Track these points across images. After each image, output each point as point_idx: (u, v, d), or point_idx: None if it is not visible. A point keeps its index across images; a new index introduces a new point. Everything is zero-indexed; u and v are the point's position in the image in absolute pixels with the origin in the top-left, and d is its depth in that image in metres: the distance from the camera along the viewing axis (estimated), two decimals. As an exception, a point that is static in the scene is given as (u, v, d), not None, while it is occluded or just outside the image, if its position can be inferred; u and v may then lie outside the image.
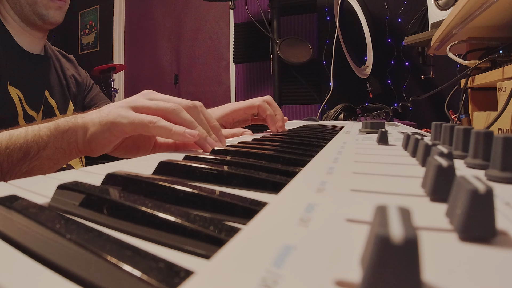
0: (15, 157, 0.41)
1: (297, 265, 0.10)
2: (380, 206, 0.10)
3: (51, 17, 0.71)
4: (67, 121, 0.44)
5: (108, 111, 0.42)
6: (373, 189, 0.19)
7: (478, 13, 0.73)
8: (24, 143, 0.41)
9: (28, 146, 0.41)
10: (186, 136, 0.39)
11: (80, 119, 0.44)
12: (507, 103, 0.63)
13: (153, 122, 0.40)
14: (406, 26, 1.80)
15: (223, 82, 2.96)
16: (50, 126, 0.43)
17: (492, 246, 0.11)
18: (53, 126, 0.43)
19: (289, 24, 2.33)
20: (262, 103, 0.68)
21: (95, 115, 0.43)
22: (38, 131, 0.43)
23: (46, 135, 0.42)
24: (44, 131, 0.43)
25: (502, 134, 0.20)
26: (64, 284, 0.11)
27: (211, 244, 0.14)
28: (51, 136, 0.43)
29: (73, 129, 0.43)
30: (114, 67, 2.91)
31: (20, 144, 0.41)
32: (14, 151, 0.41)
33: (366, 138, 0.47)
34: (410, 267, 0.08)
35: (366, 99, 1.96)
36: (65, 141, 0.43)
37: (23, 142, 0.41)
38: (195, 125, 0.42)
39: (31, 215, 0.15)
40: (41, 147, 0.42)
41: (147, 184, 0.22)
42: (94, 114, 0.44)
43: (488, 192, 0.12)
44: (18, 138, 0.42)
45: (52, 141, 0.43)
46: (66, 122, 0.43)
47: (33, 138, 0.42)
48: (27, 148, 0.41)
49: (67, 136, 0.43)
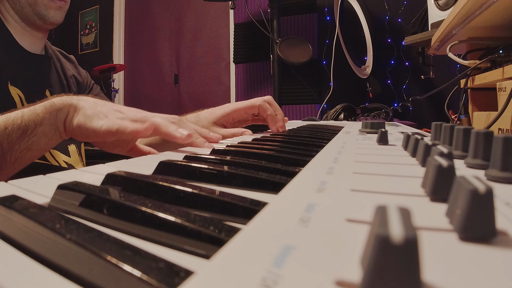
0: (15, 136, 0.44)
1: (297, 265, 0.10)
2: (380, 206, 0.10)
3: (51, 17, 0.71)
4: (62, 100, 0.46)
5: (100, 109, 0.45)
6: (373, 189, 0.19)
7: (478, 13, 0.73)
8: (22, 122, 0.44)
9: (25, 124, 0.44)
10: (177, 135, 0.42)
11: (75, 100, 0.46)
12: (507, 103, 0.63)
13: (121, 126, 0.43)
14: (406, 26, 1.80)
15: (223, 82, 2.96)
16: (46, 104, 0.46)
17: (492, 246, 0.11)
18: (48, 104, 0.45)
19: (289, 24, 2.33)
20: (262, 103, 0.68)
21: (90, 104, 0.46)
22: (34, 109, 0.45)
23: (42, 112, 0.45)
24: (40, 109, 0.45)
25: (502, 134, 0.20)
26: (64, 284, 0.11)
27: (211, 244, 0.14)
28: (46, 112, 0.45)
29: (67, 108, 0.46)
30: (114, 67, 2.91)
31: (18, 124, 0.44)
32: (13, 131, 0.43)
33: (366, 138, 0.47)
34: (410, 267, 0.08)
35: (366, 99, 1.96)
36: (58, 118, 0.46)
37: (21, 122, 0.44)
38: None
39: (31, 215, 0.15)
40: (37, 124, 0.44)
41: (147, 184, 0.22)
42: (89, 103, 0.46)
43: (488, 192, 0.12)
44: (15, 118, 0.44)
45: (47, 117, 0.45)
46: (61, 101, 0.46)
47: (29, 116, 0.44)
48: (25, 127, 0.44)
49: (60, 114, 0.45)
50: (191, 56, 3.15)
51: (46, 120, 0.45)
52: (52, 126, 0.45)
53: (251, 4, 2.36)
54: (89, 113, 0.44)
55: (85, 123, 0.44)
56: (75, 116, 0.45)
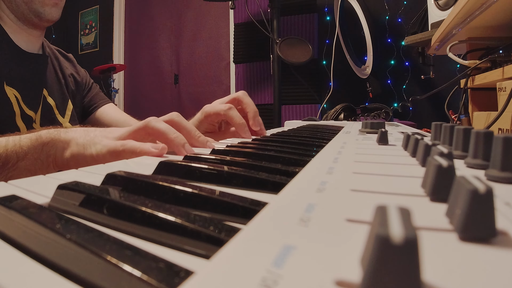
0: None
1: (297, 265, 0.10)
2: (380, 206, 0.10)
3: (47, 14, 0.70)
4: (50, 133, 0.44)
5: (93, 136, 0.43)
6: (373, 189, 0.19)
7: (478, 13, 0.73)
8: (4, 153, 0.41)
9: (7, 155, 0.41)
10: (152, 151, 0.38)
11: (64, 133, 0.44)
12: (507, 103, 0.63)
13: (124, 145, 0.40)
14: (406, 26, 1.80)
15: (223, 82, 2.96)
16: (32, 136, 0.43)
17: (492, 246, 0.11)
18: (34, 137, 0.43)
19: (289, 24, 2.33)
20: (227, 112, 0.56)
21: (80, 134, 0.44)
22: (19, 141, 0.43)
23: (27, 145, 0.42)
24: (25, 141, 0.43)
25: (502, 134, 0.20)
26: (64, 284, 0.11)
27: (211, 244, 0.14)
28: (31, 146, 0.43)
29: (54, 142, 0.43)
30: (114, 67, 2.91)
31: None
32: None
33: (366, 138, 0.47)
34: (410, 267, 0.08)
35: (366, 99, 1.96)
36: (44, 153, 0.43)
37: (2, 152, 0.41)
38: (172, 131, 0.41)
39: (31, 215, 0.15)
40: (20, 157, 0.42)
41: (147, 184, 0.22)
42: (79, 133, 0.44)
43: (488, 192, 0.12)
44: None
45: (32, 151, 0.42)
46: (48, 134, 0.44)
47: (13, 148, 0.42)
48: (6, 158, 0.41)
49: (47, 148, 0.43)
50: (191, 56, 3.15)
51: (29, 155, 0.42)
52: (37, 161, 0.43)
53: (251, 4, 2.36)
54: (81, 141, 0.42)
55: (79, 152, 0.42)
56: (66, 149, 0.43)
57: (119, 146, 0.40)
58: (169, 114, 0.46)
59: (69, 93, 0.82)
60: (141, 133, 0.42)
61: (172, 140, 0.40)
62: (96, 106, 0.88)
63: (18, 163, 0.42)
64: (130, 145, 0.40)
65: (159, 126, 0.41)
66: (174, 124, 0.44)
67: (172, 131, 0.41)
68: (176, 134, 0.41)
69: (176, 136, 0.40)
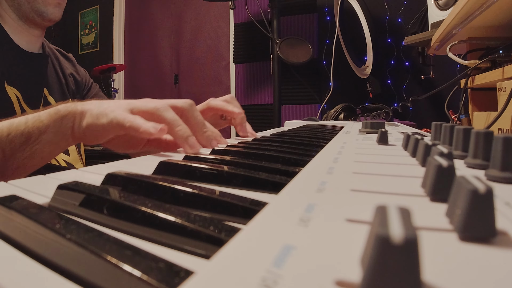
0: (17, 142, 0.42)
1: (297, 265, 0.10)
2: (380, 206, 0.10)
3: (50, 14, 0.71)
4: (67, 106, 0.45)
5: (106, 106, 0.43)
6: (373, 189, 0.19)
7: (478, 13, 0.73)
8: (26, 128, 0.43)
9: (29, 131, 0.43)
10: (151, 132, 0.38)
11: (80, 106, 0.45)
12: (507, 103, 0.63)
13: (130, 121, 0.40)
14: (406, 26, 1.80)
15: (223, 82, 2.96)
16: (50, 111, 0.45)
17: (492, 246, 0.11)
18: (53, 111, 0.44)
19: (289, 24, 2.33)
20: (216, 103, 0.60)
21: (95, 105, 0.45)
22: (39, 116, 0.44)
23: (47, 119, 0.44)
24: (45, 116, 0.44)
25: (502, 134, 0.20)
26: (64, 284, 0.11)
27: (211, 244, 0.14)
28: (51, 119, 0.44)
29: (72, 114, 0.44)
30: (114, 67, 2.90)
31: (21, 130, 0.43)
32: (16, 137, 0.42)
33: (366, 138, 0.47)
34: (410, 267, 0.08)
35: (366, 99, 1.96)
36: (64, 125, 0.44)
37: (24, 128, 0.43)
38: (178, 124, 0.41)
39: (31, 215, 0.15)
40: (41, 131, 0.43)
41: (147, 184, 0.22)
42: (94, 104, 0.45)
43: (488, 192, 0.12)
44: (19, 124, 0.43)
45: (52, 125, 0.44)
46: (66, 108, 0.45)
47: (33, 123, 0.43)
48: (28, 133, 0.43)
49: (66, 121, 0.44)
50: (191, 56, 3.15)
51: (50, 128, 0.44)
52: (58, 134, 0.44)
53: (251, 4, 2.36)
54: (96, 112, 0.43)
55: (93, 122, 0.43)
56: (83, 120, 0.44)
57: (126, 122, 0.40)
58: (183, 100, 0.46)
59: (69, 92, 0.82)
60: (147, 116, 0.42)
61: (176, 133, 0.40)
62: None
63: (40, 137, 0.43)
64: (136, 123, 0.40)
65: (166, 116, 0.41)
66: (182, 113, 0.44)
67: (177, 123, 0.41)
68: (180, 126, 0.41)
69: (180, 129, 0.40)
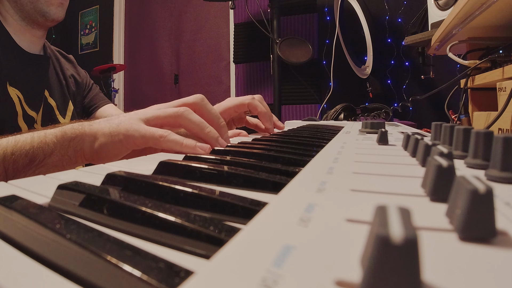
0: (21, 163, 0.40)
1: (297, 265, 0.10)
2: (380, 206, 0.10)
3: (53, 14, 0.71)
4: (74, 129, 0.43)
5: (118, 122, 0.42)
6: (373, 189, 0.19)
7: (478, 13, 0.73)
8: (30, 149, 0.41)
9: (34, 152, 0.41)
10: (197, 150, 0.38)
11: (88, 127, 0.43)
12: (507, 103, 0.63)
13: (164, 136, 0.39)
14: (406, 26, 1.80)
15: (223, 82, 2.96)
16: (57, 133, 0.43)
17: (492, 246, 0.11)
18: (59, 133, 0.42)
19: (289, 24, 2.33)
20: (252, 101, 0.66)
21: (104, 124, 0.43)
22: (44, 137, 0.42)
23: (53, 142, 0.42)
24: (50, 138, 0.42)
25: (502, 134, 0.20)
26: (64, 284, 0.11)
27: (211, 244, 0.14)
28: (57, 143, 0.42)
29: (80, 137, 0.42)
30: (114, 67, 2.91)
31: (26, 151, 0.41)
32: (20, 157, 0.40)
33: (366, 138, 0.47)
34: (410, 267, 0.08)
35: (366, 99, 1.96)
36: (71, 148, 0.42)
37: (29, 149, 0.41)
38: (206, 125, 0.42)
39: (31, 215, 0.15)
40: (47, 154, 0.41)
41: (147, 184, 0.22)
42: (103, 123, 0.43)
43: (488, 192, 0.12)
44: (24, 144, 0.41)
45: (58, 148, 0.42)
46: (73, 130, 0.43)
47: (39, 144, 0.41)
48: (33, 155, 0.41)
49: (74, 144, 0.42)
50: (191, 56, 3.15)
51: (56, 151, 0.42)
52: (64, 157, 0.42)
53: (251, 4, 2.36)
54: (107, 131, 0.42)
55: (107, 141, 0.41)
56: (95, 141, 0.42)
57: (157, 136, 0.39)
58: (193, 96, 0.46)
59: (70, 94, 0.82)
60: (170, 121, 0.42)
61: (206, 135, 0.41)
62: (97, 106, 0.89)
63: (45, 160, 0.41)
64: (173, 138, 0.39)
65: (193, 119, 0.42)
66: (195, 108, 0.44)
67: (205, 125, 0.42)
68: (209, 128, 0.42)
69: (209, 131, 0.42)
